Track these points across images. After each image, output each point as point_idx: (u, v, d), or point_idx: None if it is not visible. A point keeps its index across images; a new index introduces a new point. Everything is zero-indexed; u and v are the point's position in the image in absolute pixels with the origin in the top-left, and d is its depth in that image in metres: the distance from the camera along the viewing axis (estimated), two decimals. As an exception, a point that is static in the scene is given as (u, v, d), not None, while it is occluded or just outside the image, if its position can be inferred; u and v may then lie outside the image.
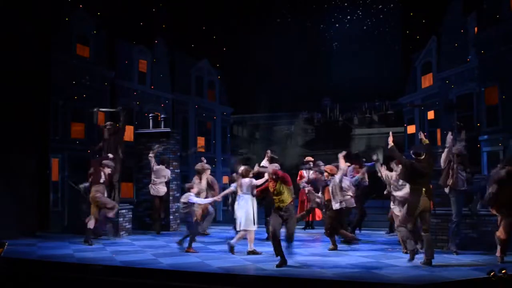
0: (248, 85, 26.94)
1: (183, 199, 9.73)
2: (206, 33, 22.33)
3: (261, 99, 27.92)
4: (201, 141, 26.35)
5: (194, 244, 10.48)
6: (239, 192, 9.26)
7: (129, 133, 21.07)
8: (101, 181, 10.71)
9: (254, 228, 9.19)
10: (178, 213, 10.44)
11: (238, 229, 9.36)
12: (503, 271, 5.80)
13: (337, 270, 7.67)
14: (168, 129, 13.63)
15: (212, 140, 27.18)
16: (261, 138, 39.00)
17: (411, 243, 8.05)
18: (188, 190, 9.78)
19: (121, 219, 11.88)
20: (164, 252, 9.56)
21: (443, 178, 8.83)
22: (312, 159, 11.99)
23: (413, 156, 8.09)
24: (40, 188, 13.06)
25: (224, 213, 20.96)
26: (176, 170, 13.62)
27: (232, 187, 9.81)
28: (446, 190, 8.82)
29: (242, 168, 9.31)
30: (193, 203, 9.82)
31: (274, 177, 8.10)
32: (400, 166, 8.45)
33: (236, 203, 9.34)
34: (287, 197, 8.02)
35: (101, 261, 8.54)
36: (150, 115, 14.33)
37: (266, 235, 11.18)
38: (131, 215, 12.40)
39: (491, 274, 5.81)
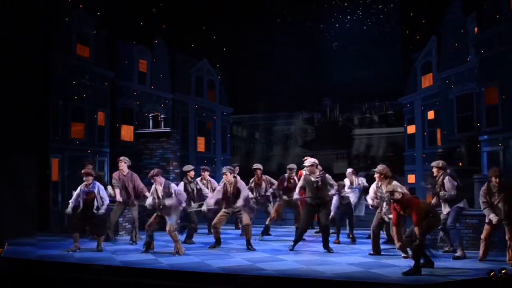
0: (248, 85, 26.95)
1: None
2: (206, 33, 22.35)
3: (261, 99, 27.94)
4: (201, 141, 26.36)
5: (194, 244, 10.55)
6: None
7: (129, 133, 21.12)
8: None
9: None
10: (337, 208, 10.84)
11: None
12: (503, 271, 5.80)
13: (337, 270, 7.68)
14: (168, 129, 13.63)
15: (212, 140, 27.18)
16: (261, 138, 39.01)
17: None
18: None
19: (121, 219, 11.87)
20: (164, 252, 9.56)
21: None
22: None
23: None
24: (40, 188, 13.07)
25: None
26: (176, 170, 13.62)
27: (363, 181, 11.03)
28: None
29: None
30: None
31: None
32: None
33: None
34: None
35: (101, 261, 8.55)
36: (150, 115, 14.32)
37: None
38: (131, 215, 12.37)
39: (491, 274, 5.82)
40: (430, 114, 22.53)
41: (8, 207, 11.40)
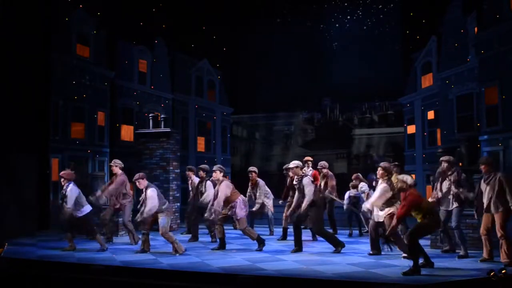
0: (248, 85, 26.96)
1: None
2: (206, 33, 22.35)
3: (261, 99, 27.94)
4: (201, 141, 26.37)
5: (194, 244, 10.54)
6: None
7: (129, 133, 21.13)
8: None
9: None
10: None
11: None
12: (503, 271, 5.80)
13: (337, 270, 7.68)
14: (168, 129, 13.62)
15: (212, 140, 27.18)
16: (261, 138, 39.02)
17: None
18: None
19: (121, 219, 11.85)
20: (164, 252, 9.56)
21: None
22: (311, 159, 12.01)
23: None
24: (40, 188, 13.07)
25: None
26: (176, 170, 13.61)
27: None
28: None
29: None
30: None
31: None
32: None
33: None
34: None
35: (101, 261, 8.54)
36: (150, 115, 14.31)
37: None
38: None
39: (491, 274, 5.82)
40: (430, 114, 22.54)
41: (8, 207, 11.40)
